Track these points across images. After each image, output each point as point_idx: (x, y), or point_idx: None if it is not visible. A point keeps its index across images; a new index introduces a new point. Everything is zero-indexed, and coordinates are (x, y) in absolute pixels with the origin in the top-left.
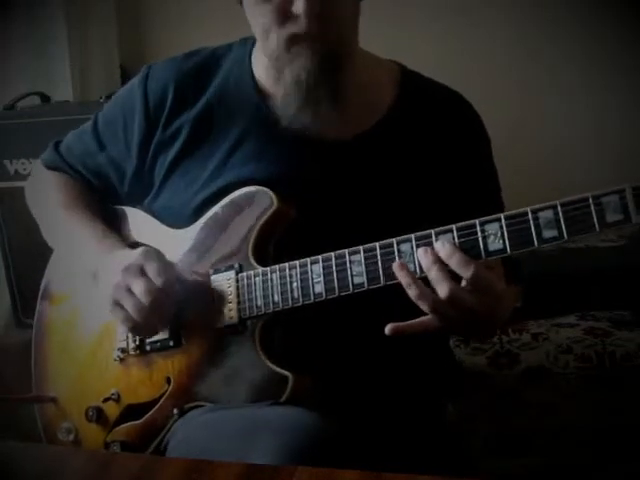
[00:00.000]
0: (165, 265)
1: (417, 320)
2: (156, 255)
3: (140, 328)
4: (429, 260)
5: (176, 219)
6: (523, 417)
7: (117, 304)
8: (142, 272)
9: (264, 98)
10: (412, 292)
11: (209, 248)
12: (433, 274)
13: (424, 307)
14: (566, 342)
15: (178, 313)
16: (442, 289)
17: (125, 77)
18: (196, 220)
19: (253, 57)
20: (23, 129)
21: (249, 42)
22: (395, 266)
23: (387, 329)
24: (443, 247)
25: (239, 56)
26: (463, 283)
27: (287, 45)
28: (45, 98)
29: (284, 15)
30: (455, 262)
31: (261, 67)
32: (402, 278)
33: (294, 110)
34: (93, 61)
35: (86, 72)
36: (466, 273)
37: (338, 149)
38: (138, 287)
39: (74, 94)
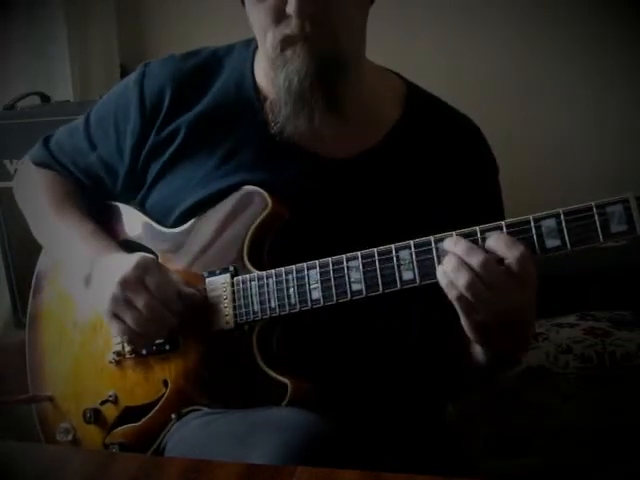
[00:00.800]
0: (166, 276)
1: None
2: (155, 265)
3: (138, 340)
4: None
5: (166, 219)
6: (523, 417)
7: (115, 316)
8: (142, 284)
9: (264, 105)
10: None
11: (202, 249)
12: (463, 244)
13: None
14: (566, 342)
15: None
16: (476, 257)
17: (125, 77)
18: (187, 221)
19: (255, 61)
20: (23, 129)
21: (252, 45)
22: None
23: None
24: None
25: (241, 59)
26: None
27: (281, 46)
28: (45, 98)
29: (279, 15)
30: (503, 242)
31: (262, 72)
32: (454, 247)
33: (284, 117)
34: (93, 61)
35: (86, 72)
36: (514, 253)
37: (340, 166)
38: (140, 301)
39: (74, 94)
